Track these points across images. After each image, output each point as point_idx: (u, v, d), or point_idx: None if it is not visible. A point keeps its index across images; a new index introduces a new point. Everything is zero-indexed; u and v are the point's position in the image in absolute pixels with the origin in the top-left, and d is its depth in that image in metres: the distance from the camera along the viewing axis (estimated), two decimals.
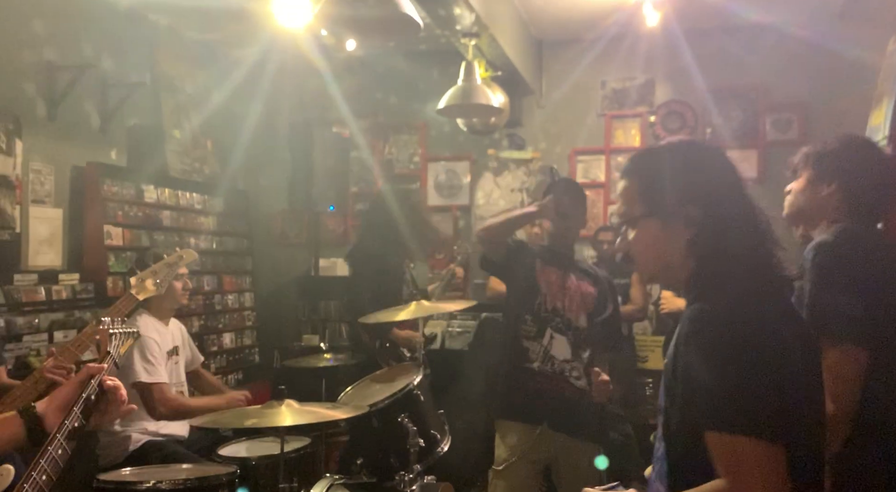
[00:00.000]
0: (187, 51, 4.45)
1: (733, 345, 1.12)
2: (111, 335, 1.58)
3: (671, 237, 1.26)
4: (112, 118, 3.86)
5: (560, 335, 2.55)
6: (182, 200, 4.33)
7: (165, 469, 2.47)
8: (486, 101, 3.53)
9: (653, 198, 1.27)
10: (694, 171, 1.26)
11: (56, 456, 1.22)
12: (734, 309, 1.16)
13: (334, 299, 4.73)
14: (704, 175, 1.26)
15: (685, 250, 1.25)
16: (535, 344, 2.55)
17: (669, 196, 1.25)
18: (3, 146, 3.21)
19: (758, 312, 1.17)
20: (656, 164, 1.30)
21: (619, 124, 4.69)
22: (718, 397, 1.11)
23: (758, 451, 1.08)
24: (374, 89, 4.91)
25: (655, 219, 1.28)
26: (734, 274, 1.21)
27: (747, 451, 1.08)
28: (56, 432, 1.23)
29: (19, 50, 3.32)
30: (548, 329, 2.55)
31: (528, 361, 2.55)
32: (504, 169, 4.86)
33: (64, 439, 1.23)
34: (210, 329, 4.46)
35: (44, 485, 1.18)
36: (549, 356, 2.53)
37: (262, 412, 2.27)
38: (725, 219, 1.23)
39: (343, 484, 2.45)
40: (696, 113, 4.52)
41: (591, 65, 4.55)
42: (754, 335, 1.14)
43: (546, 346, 2.54)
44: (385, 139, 5.05)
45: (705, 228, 1.23)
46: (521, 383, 2.56)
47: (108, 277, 3.68)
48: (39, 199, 3.44)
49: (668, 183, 1.26)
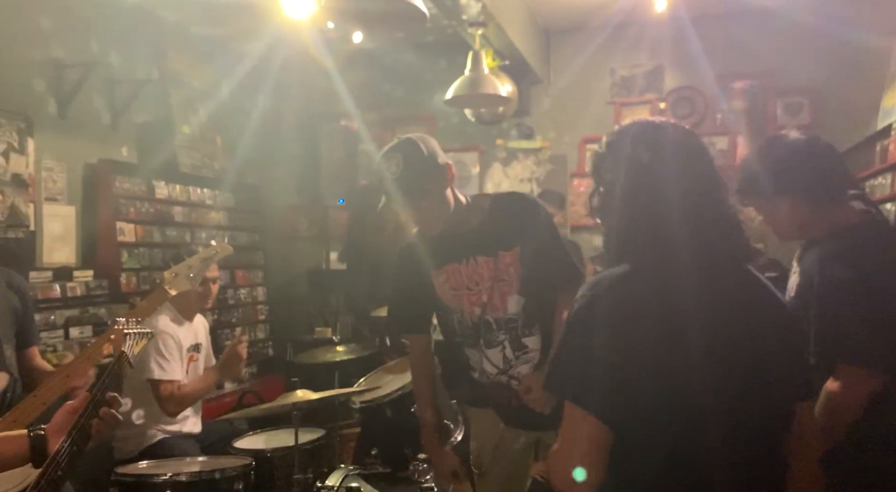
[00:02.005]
0: (194, 46, 4.47)
1: (595, 317, 1.20)
2: (125, 335, 1.60)
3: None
4: (121, 115, 3.88)
5: (490, 348, 2.08)
6: (193, 196, 4.35)
7: (181, 462, 2.50)
8: (493, 90, 3.52)
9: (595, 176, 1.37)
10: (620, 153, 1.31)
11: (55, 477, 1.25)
12: (615, 285, 1.23)
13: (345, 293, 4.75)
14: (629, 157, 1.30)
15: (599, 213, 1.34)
16: (475, 352, 2.12)
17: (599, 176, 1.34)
18: (15, 145, 3.24)
19: (635, 290, 1.22)
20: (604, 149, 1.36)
21: (628, 112, 4.67)
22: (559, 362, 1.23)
23: (574, 415, 1.18)
24: (381, 82, 4.91)
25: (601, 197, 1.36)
26: (634, 249, 1.25)
27: (577, 419, 1.19)
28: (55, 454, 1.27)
29: (28, 48, 3.34)
30: (479, 344, 2.09)
31: (470, 368, 2.17)
32: (513, 159, 4.85)
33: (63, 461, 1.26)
34: (223, 324, 4.49)
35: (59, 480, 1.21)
36: (484, 372, 2.12)
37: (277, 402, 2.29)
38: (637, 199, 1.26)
39: (358, 474, 2.47)
40: (706, 99, 4.49)
41: (599, 52, 4.52)
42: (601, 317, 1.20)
43: (478, 361, 2.12)
44: (393, 131, 5.04)
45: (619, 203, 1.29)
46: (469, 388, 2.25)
47: (122, 273, 3.71)
48: (52, 196, 3.47)
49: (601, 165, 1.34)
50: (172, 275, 2.25)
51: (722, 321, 1.21)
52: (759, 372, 1.20)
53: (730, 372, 1.19)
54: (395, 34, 4.49)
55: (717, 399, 1.17)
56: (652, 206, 1.25)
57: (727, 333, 1.20)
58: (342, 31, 4.14)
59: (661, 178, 1.25)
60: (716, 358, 1.18)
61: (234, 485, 2.28)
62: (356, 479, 2.43)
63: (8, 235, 3.18)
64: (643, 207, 1.25)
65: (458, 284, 2.07)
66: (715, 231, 1.25)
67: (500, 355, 2.09)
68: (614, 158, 1.32)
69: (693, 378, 1.17)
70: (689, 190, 1.25)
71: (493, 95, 3.56)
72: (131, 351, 1.59)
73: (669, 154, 1.28)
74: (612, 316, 1.19)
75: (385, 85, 4.91)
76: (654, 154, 1.28)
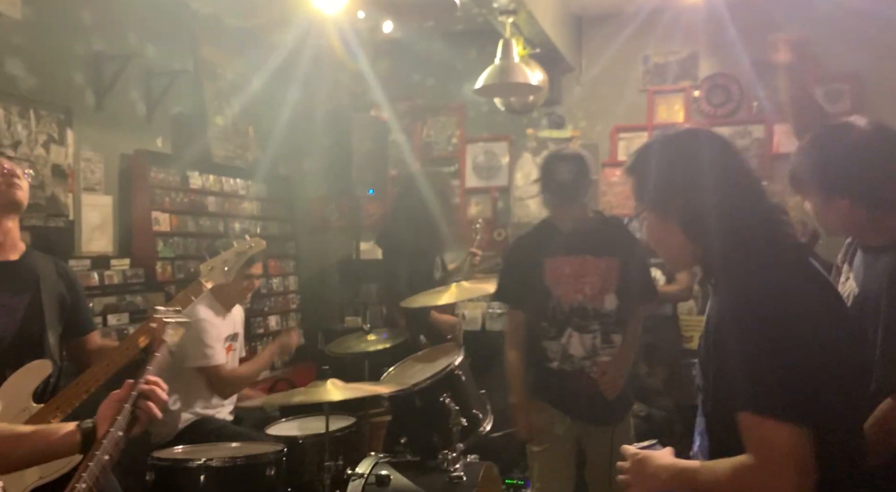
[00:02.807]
0: (228, 38, 4.51)
1: (759, 327, 1.15)
2: (166, 324, 1.64)
3: (668, 229, 1.33)
4: (157, 106, 3.94)
5: (578, 333, 2.46)
6: (226, 186, 4.41)
7: (215, 447, 2.54)
8: (524, 79, 3.49)
9: (645, 193, 1.36)
10: (676, 163, 1.32)
11: (116, 436, 1.29)
12: (758, 290, 1.19)
13: (375, 282, 4.78)
14: (685, 166, 1.31)
15: (684, 239, 1.32)
16: (554, 343, 2.49)
17: (658, 190, 1.33)
18: (55, 136, 3.32)
19: (780, 291, 1.18)
20: (647, 159, 1.36)
21: (661, 99, 4.59)
22: (746, 378, 1.14)
23: (783, 433, 1.10)
24: (411, 72, 4.90)
25: (651, 213, 1.36)
26: (742, 256, 1.24)
27: (773, 433, 1.10)
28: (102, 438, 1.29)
29: (70, 41, 3.41)
30: (567, 329, 2.47)
31: (547, 360, 2.50)
32: (543, 148, 4.80)
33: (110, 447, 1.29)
34: (256, 312, 4.56)
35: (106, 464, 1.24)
36: (568, 355, 2.48)
37: (308, 391, 2.32)
38: (710, 207, 1.26)
39: (388, 462, 2.49)
40: (742, 86, 4.39)
41: (632, 39, 4.44)
42: (778, 316, 1.15)
43: (564, 345, 2.48)
44: (423, 122, 5.04)
45: (693, 217, 1.28)
46: (544, 380, 2.53)
47: (157, 262, 3.79)
48: (91, 186, 3.55)
49: (656, 178, 1.33)
50: (209, 268, 2.27)
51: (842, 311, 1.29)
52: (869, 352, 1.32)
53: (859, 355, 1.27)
54: (424, 23, 4.47)
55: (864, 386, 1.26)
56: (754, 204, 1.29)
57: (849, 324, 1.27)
58: (372, 21, 4.15)
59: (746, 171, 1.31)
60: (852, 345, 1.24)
61: (266, 470, 2.32)
62: (386, 467, 2.45)
63: (48, 224, 3.27)
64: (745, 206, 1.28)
65: (566, 273, 2.46)
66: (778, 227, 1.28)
67: (589, 342, 2.45)
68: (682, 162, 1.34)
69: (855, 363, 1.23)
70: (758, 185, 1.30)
71: (523, 84, 3.53)
72: (171, 339, 1.63)
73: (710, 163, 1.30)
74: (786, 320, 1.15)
75: (415, 75, 4.90)
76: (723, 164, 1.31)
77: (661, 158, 1.34)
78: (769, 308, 1.16)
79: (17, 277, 2.09)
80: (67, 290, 2.22)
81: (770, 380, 1.12)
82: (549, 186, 2.48)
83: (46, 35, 3.27)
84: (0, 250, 2.07)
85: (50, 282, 2.16)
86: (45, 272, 2.15)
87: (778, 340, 1.13)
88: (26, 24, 3.08)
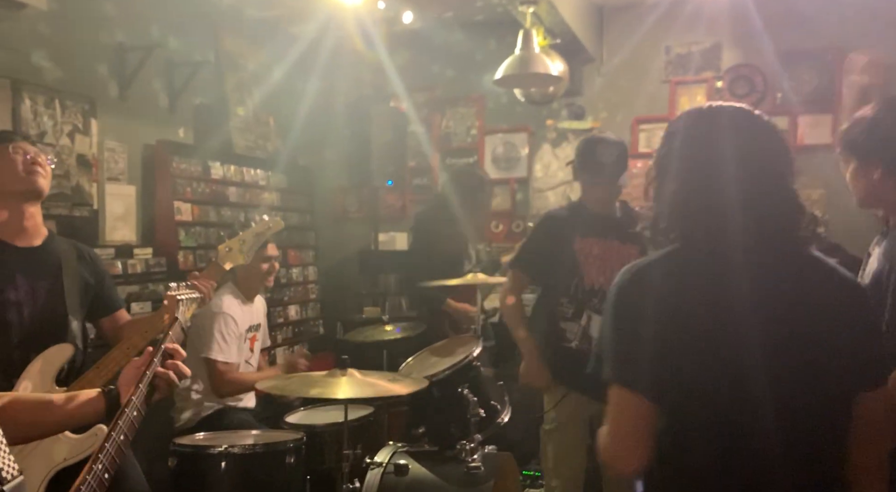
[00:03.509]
0: (248, 29, 4.53)
1: (633, 297, 1.22)
2: (178, 301, 1.66)
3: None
4: (179, 97, 3.98)
5: (598, 315, 2.51)
6: (247, 176, 4.44)
7: (236, 434, 2.58)
8: (544, 70, 3.47)
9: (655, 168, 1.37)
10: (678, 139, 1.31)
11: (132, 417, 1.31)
12: (656, 264, 1.25)
13: (393, 273, 4.79)
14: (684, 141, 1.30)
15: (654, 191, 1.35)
16: (573, 324, 2.55)
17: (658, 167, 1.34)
18: (80, 126, 3.36)
19: (678, 268, 1.22)
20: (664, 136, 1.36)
21: (683, 91, 4.53)
22: (604, 345, 1.25)
23: (620, 397, 1.21)
24: (430, 62, 4.89)
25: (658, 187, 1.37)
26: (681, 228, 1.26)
27: (614, 396, 1.22)
28: (132, 392, 1.33)
29: (94, 33, 3.45)
30: (585, 310, 2.54)
31: (565, 341, 2.56)
32: (563, 140, 4.78)
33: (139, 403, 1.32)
34: (276, 302, 4.60)
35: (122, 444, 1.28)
36: (588, 336, 2.53)
37: (325, 381, 2.33)
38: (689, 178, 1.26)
39: (406, 452, 2.51)
40: (766, 77, 4.32)
41: (654, 29, 4.39)
42: (647, 292, 1.20)
43: (584, 326, 2.53)
44: (442, 113, 5.04)
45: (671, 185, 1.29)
46: (560, 360, 2.57)
47: (179, 251, 3.83)
48: (114, 176, 3.60)
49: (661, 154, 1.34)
50: (226, 249, 2.29)
51: (775, 300, 1.18)
52: (816, 355, 1.16)
53: (782, 352, 1.16)
54: (444, 14, 4.46)
55: (768, 379, 1.14)
56: (703, 182, 1.23)
57: (781, 313, 1.17)
58: (392, 11, 4.14)
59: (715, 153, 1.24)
60: (767, 337, 1.15)
61: (286, 458, 2.34)
62: (404, 456, 2.47)
63: (73, 213, 3.32)
64: (694, 183, 1.24)
65: (594, 254, 2.57)
66: (771, 209, 1.22)
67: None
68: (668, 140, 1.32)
69: (740, 356, 1.15)
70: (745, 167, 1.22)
71: (543, 75, 3.51)
72: (183, 316, 1.66)
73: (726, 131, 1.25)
74: (656, 291, 1.20)
75: (434, 66, 4.89)
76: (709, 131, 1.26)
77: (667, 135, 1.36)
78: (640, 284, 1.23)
79: (40, 262, 2.12)
80: (90, 273, 2.25)
81: (615, 348, 1.22)
82: (588, 165, 2.60)
83: (71, 26, 3.31)
84: (23, 236, 2.11)
85: (72, 267, 2.18)
86: (66, 257, 2.18)
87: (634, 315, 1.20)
88: (52, 16, 3.11)
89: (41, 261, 2.13)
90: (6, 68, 3.00)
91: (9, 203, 2.09)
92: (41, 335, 2.04)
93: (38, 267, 2.12)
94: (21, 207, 2.09)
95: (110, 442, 1.25)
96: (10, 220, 2.09)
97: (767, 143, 1.27)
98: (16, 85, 3.03)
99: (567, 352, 2.55)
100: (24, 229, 2.11)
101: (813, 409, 1.17)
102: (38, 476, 1.55)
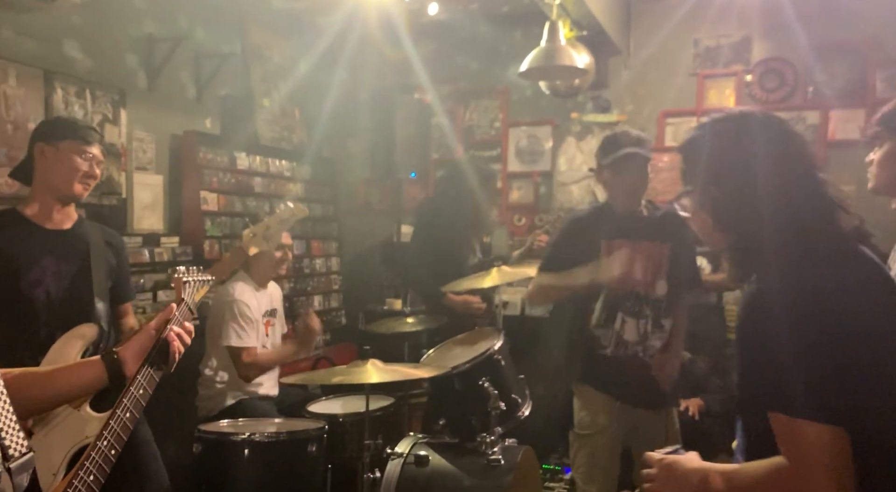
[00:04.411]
0: (275, 21, 4.55)
1: (789, 324, 1.10)
2: (185, 283, 1.68)
3: (705, 215, 1.30)
4: (206, 88, 4.01)
5: (631, 318, 2.47)
6: (272, 167, 4.48)
7: (259, 422, 2.62)
8: (570, 62, 3.44)
9: (688, 178, 1.34)
10: (717, 150, 1.27)
11: (138, 396, 1.35)
12: (787, 286, 1.14)
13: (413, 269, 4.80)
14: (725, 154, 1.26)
15: (717, 228, 1.28)
16: (606, 331, 2.49)
17: (698, 176, 1.29)
18: (109, 116, 3.42)
19: (814, 286, 1.13)
20: (693, 144, 1.32)
21: (712, 84, 4.46)
22: (776, 378, 1.10)
23: (817, 434, 1.06)
24: (455, 54, 4.87)
25: (693, 198, 1.33)
26: (776, 249, 1.19)
27: (806, 434, 1.07)
28: (136, 374, 1.36)
29: (124, 24, 3.49)
30: (618, 314, 2.48)
31: (600, 347, 2.50)
32: (588, 133, 4.74)
33: (145, 382, 1.36)
34: (299, 292, 4.64)
35: (128, 421, 1.32)
36: (623, 341, 2.48)
37: (348, 370, 2.36)
38: (745, 197, 1.22)
39: (426, 443, 2.52)
40: (797, 71, 4.24)
41: (683, 22, 4.33)
42: (811, 313, 1.10)
43: (618, 331, 2.48)
44: (466, 105, 5.02)
45: (725, 207, 1.25)
46: (595, 368, 2.52)
47: (205, 240, 3.88)
48: (142, 166, 3.65)
49: (699, 164, 1.29)
50: (251, 235, 2.32)
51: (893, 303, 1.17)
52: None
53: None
54: (470, 5, 4.44)
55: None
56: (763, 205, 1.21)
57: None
58: (418, 3, 4.13)
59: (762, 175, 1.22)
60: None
61: (307, 447, 2.37)
62: (425, 447, 2.48)
63: (102, 202, 3.37)
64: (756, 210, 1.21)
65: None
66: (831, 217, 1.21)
67: (642, 327, 2.48)
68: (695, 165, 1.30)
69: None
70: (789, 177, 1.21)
71: (569, 67, 3.47)
72: (191, 298, 1.68)
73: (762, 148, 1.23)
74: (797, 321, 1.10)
75: (459, 57, 4.87)
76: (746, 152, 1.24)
77: (707, 143, 1.30)
78: (797, 305, 1.12)
79: (68, 244, 2.19)
80: (115, 259, 2.33)
81: (800, 380, 1.08)
82: (611, 163, 2.50)
83: (102, 18, 3.36)
84: (54, 220, 2.19)
85: (99, 250, 2.25)
86: (94, 241, 2.25)
87: (808, 340, 1.09)
88: (84, 8, 3.16)
89: (70, 244, 2.20)
90: (39, 59, 3.05)
91: (46, 198, 2.18)
92: (67, 315, 2.09)
93: (67, 249, 2.18)
94: (57, 204, 2.19)
95: (115, 419, 1.28)
96: (42, 209, 2.18)
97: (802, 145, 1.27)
98: (48, 75, 3.09)
99: (601, 359, 2.49)
100: (55, 214, 2.20)
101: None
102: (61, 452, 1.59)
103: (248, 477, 2.31)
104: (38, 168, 2.16)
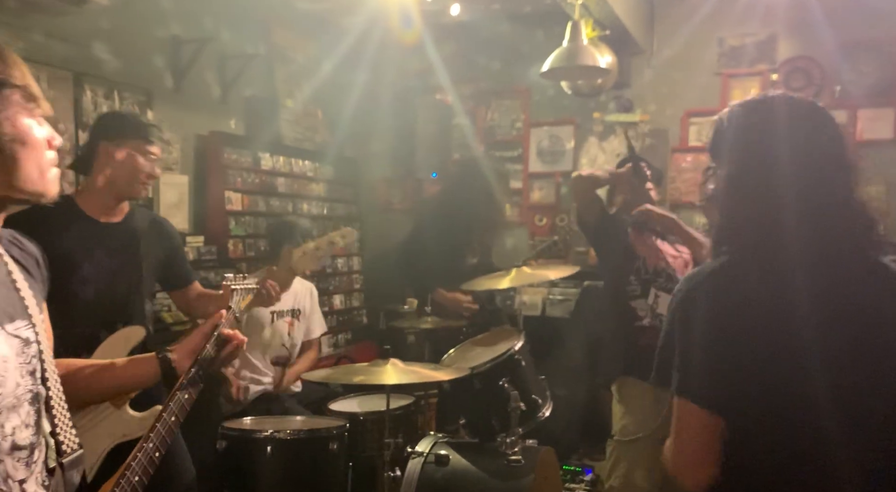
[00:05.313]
0: (299, 21, 4.59)
1: (703, 311, 1.16)
2: (233, 291, 1.71)
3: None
4: (231, 89, 4.06)
5: (664, 293, 2.55)
6: (295, 168, 4.52)
7: (281, 420, 2.65)
8: (592, 62, 3.42)
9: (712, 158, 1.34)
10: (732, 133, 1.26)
11: (183, 400, 1.37)
12: (718, 275, 1.19)
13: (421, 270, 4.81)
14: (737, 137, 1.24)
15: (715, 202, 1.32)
16: (642, 302, 2.58)
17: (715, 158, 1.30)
18: None
19: (738, 283, 1.16)
20: (719, 125, 1.31)
21: (736, 83, 4.42)
22: (677, 356, 1.19)
23: (690, 414, 1.16)
24: (476, 54, 4.87)
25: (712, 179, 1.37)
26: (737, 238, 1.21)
27: (682, 412, 1.18)
28: (184, 376, 1.38)
29: (151, 26, 3.55)
30: (651, 288, 2.58)
31: (637, 319, 2.58)
32: (610, 133, 4.71)
33: (189, 384, 1.37)
34: (321, 291, 4.64)
35: (173, 424, 1.33)
36: (657, 315, 2.55)
37: (368, 369, 2.37)
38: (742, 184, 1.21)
39: (446, 443, 2.53)
40: (824, 70, 4.17)
41: (707, 20, 4.28)
42: (721, 308, 1.15)
43: (652, 304, 2.56)
44: (487, 105, 5.02)
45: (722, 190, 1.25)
46: (632, 341, 2.55)
47: (229, 239, 3.93)
48: (168, 166, 3.70)
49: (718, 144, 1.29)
50: (300, 253, 2.29)
51: (838, 314, 1.13)
52: (884, 370, 1.12)
53: (848, 367, 1.11)
54: (492, 5, 4.44)
55: (832, 395, 1.10)
56: (759, 190, 1.18)
57: (845, 328, 1.12)
58: (440, 3, 4.14)
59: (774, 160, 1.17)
60: (829, 351, 1.11)
61: (329, 444, 2.39)
62: (445, 447, 2.49)
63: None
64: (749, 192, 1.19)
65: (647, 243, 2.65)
66: (835, 218, 1.16)
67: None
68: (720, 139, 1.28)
69: (801, 371, 1.11)
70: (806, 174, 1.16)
71: (591, 67, 3.46)
72: (237, 306, 1.70)
73: (785, 132, 1.19)
74: (712, 306, 1.16)
75: (480, 58, 4.87)
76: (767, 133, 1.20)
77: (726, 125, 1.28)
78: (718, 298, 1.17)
79: (118, 238, 2.20)
80: (166, 247, 2.34)
81: (693, 364, 1.17)
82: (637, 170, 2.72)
83: (130, 20, 3.41)
84: (107, 213, 2.21)
85: (149, 243, 2.26)
86: (145, 234, 2.26)
87: (705, 328, 1.16)
88: (112, 10, 3.21)
89: (119, 237, 2.21)
90: (69, 61, 3.12)
91: (105, 193, 2.18)
92: (112, 312, 2.11)
93: (118, 243, 2.19)
94: (114, 201, 2.21)
95: (161, 422, 1.30)
96: (99, 203, 2.19)
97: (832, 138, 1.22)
98: (77, 77, 3.15)
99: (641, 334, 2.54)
100: (110, 209, 2.22)
101: (881, 423, 1.13)
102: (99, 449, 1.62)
103: (270, 474, 2.34)
104: (100, 164, 2.15)
